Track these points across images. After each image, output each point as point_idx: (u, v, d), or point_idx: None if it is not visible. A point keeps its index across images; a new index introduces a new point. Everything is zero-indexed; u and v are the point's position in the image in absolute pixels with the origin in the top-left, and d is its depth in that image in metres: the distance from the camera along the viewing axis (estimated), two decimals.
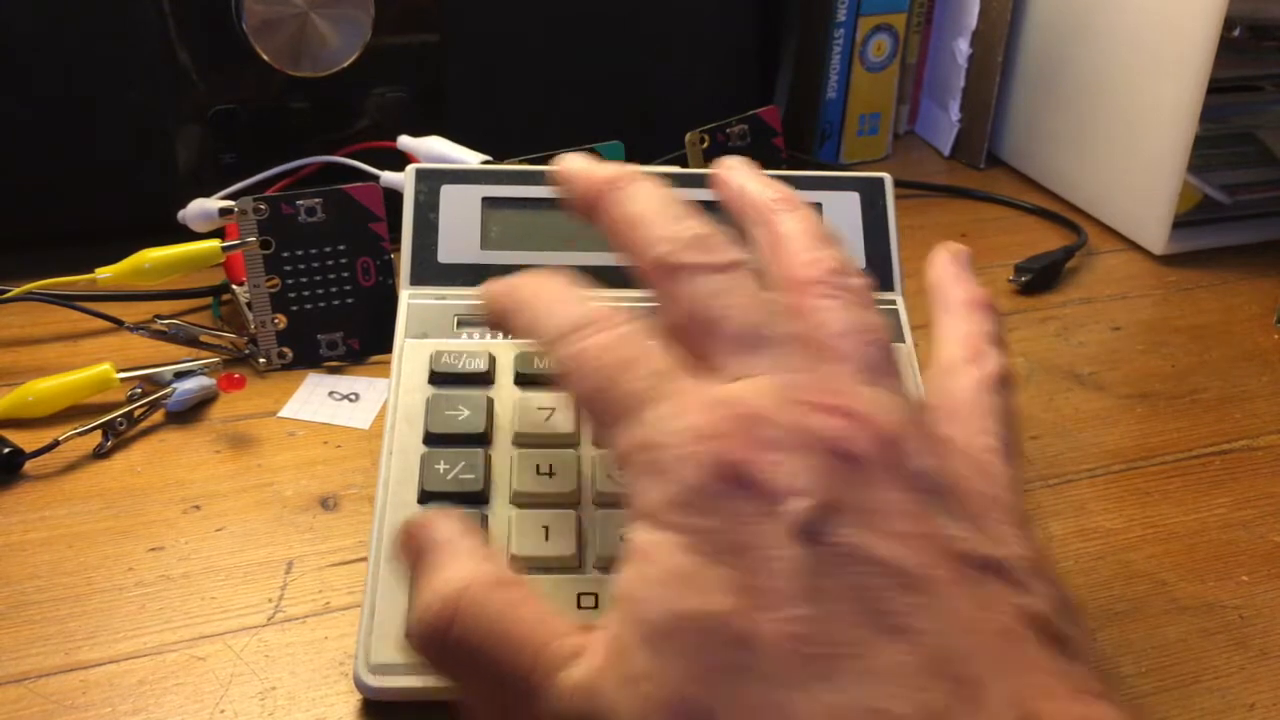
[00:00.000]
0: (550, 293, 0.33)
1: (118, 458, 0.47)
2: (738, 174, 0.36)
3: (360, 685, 0.35)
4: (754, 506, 0.25)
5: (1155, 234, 0.68)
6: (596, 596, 0.36)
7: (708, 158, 0.61)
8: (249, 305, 0.53)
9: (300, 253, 0.52)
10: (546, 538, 0.37)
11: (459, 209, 0.46)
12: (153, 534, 0.43)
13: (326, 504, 0.45)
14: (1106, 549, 0.44)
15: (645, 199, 0.33)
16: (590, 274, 0.46)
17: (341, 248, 0.53)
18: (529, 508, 0.39)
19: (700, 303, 0.30)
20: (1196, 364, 0.57)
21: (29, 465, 0.46)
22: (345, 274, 0.53)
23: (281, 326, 0.52)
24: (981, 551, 0.25)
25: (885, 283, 0.46)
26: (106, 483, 0.46)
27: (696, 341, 0.30)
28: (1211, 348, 0.59)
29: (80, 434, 0.47)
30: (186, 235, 0.56)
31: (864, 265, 0.46)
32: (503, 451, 0.40)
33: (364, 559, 0.41)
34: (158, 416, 0.49)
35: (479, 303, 0.36)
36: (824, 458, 0.25)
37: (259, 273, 0.52)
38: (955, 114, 0.81)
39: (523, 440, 0.41)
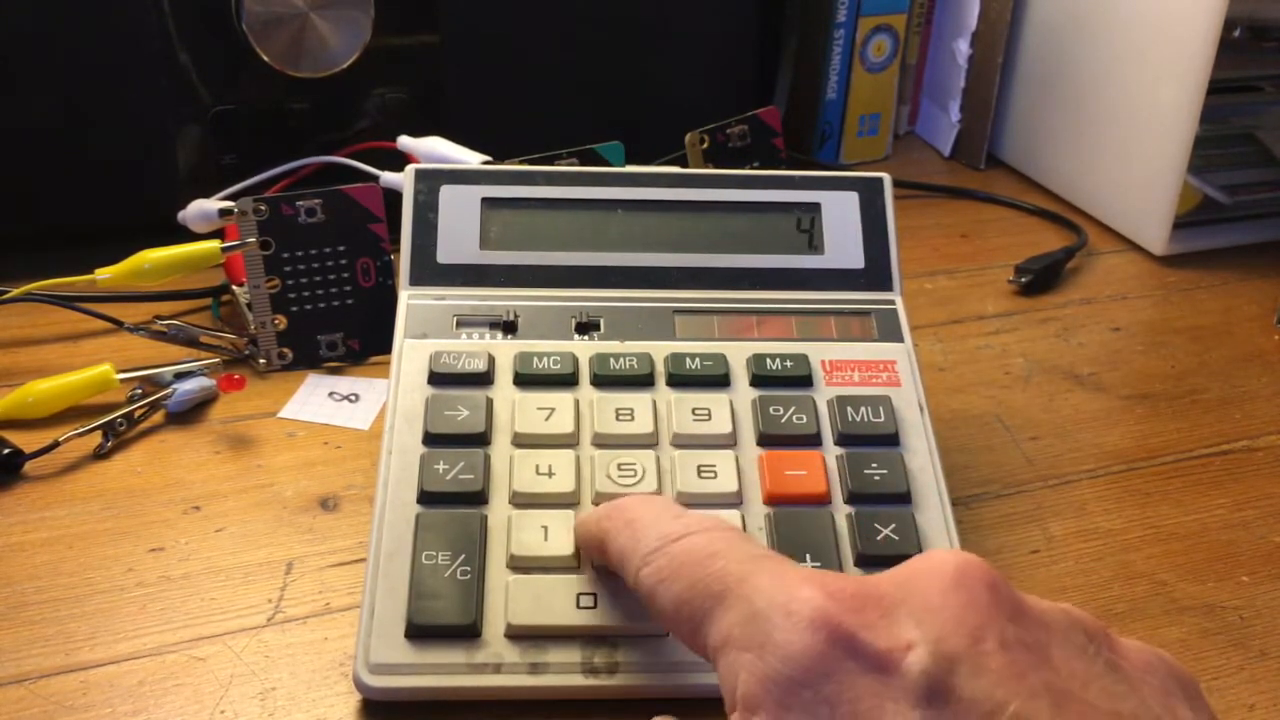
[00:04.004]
0: (649, 513, 0.32)
1: (118, 458, 0.47)
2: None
3: (360, 685, 0.35)
4: (868, 673, 0.24)
5: (1155, 234, 0.68)
6: (595, 596, 0.36)
7: (708, 158, 0.61)
8: (249, 306, 0.53)
9: (300, 253, 0.52)
10: (546, 538, 0.37)
11: (458, 209, 0.46)
12: (153, 535, 0.43)
13: (326, 504, 0.45)
14: (1107, 549, 0.44)
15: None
16: (590, 274, 0.46)
17: (341, 248, 0.53)
18: (528, 508, 0.39)
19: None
20: (1196, 365, 0.57)
21: (29, 466, 0.46)
22: (345, 274, 0.53)
23: (281, 327, 0.52)
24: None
25: (884, 283, 0.47)
26: (106, 483, 0.46)
27: None
28: (1211, 348, 0.59)
29: (80, 435, 0.47)
30: (186, 236, 0.56)
31: (862, 265, 0.47)
32: (502, 451, 0.40)
33: (364, 559, 0.41)
34: (158, 417, 0.49)
35: (573, 535, 0.37)
36: (931, 607, 0.24)
37: (259, 273, 0.52)
38: (955, 114, 0.81)
39: (522, 440, 0.41)
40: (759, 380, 0.43)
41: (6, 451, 0.45)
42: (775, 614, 0.25)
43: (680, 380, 0.43)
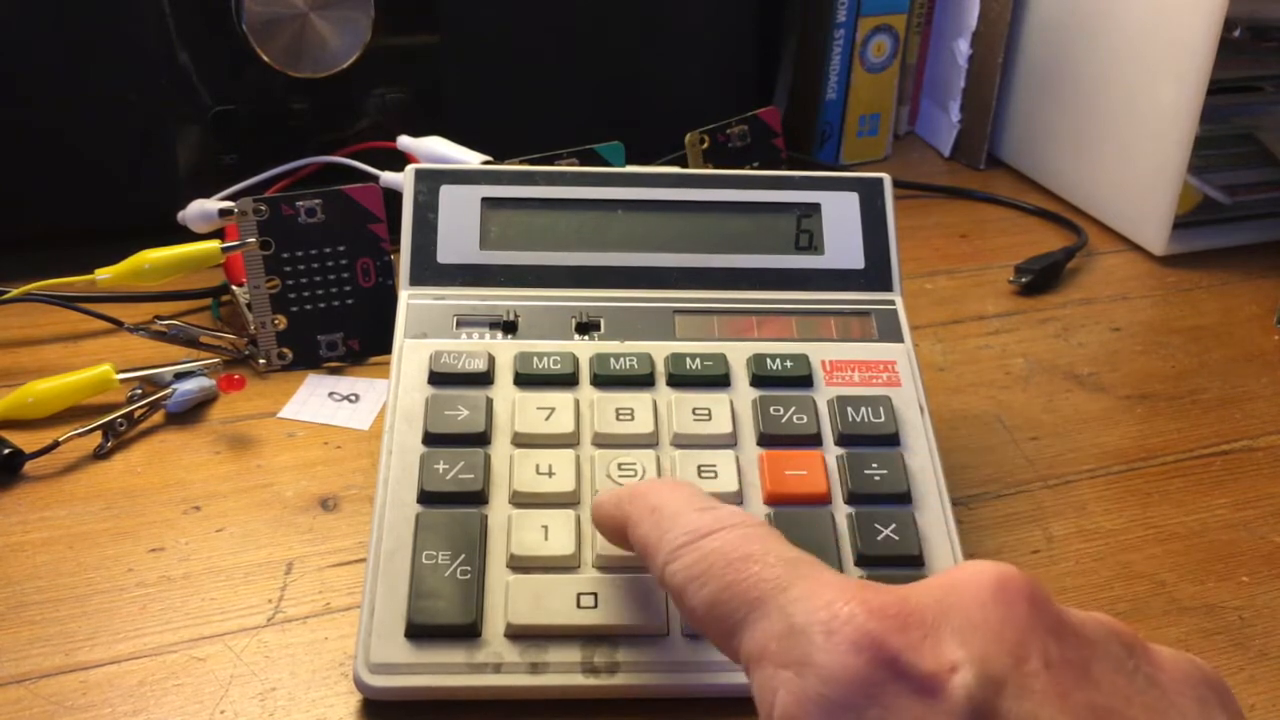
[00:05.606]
0: (674, 501, 0.31)
1: (118, 458, 0.47)
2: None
3: (360, 685, 0.35)
4: (913, 695, 0.23)
5: (1155, 234, 0.68)
6: (596, 596, 0.36)
7: (708, 158, 0.61)
8: (249, 306, 0.53)
9: (300, 253, 0.52)
10: (546, 537, 0.37)
11: (458, 209, 0.46)
12: (153, 535, 0.43)
13: (326, 504, 0.45)
14: (1107, 549, 0.44)
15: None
16: (590, 274, 0.46)
17: (341, 248, 0.53)
18: (528, 507, 0.39)
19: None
20: (1196, 365, 0.57)
21: (29, 466, 0.46)
22: (345, 275, 0.53)
23: (281, 327, 0.52)
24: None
25: (884, 283, 0.47)
26: (106, 483, 0.46)
27: None
28: (1211, 348, 0.59)
29: (80, 435, 0.47)
30: (186, 236, 0.56)
31: (863, 265, 0.47)
32: (502, 451, 0.40)
33: (364, 559, 0.41)
34: (158, 417, 0.49)
35: (592, 515, 0.36)
36: (973, 624, 0.24)
37: (259, 274, 0.52)
38: (955, 114, 0.81)
39: (522, 440, 0.41)
40: (759, 380, 0.43)
41: (6, 451, 0.45)
42: (816, 631, 0.25)
43: (680, 380, 0.43)
